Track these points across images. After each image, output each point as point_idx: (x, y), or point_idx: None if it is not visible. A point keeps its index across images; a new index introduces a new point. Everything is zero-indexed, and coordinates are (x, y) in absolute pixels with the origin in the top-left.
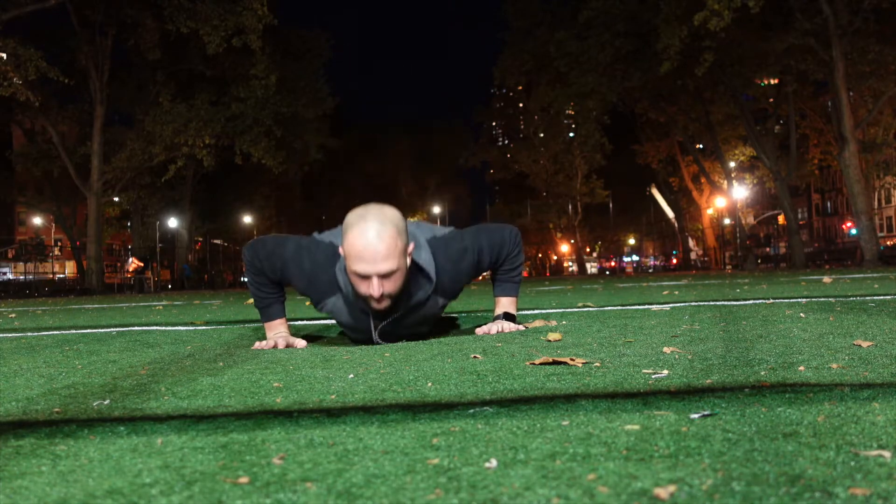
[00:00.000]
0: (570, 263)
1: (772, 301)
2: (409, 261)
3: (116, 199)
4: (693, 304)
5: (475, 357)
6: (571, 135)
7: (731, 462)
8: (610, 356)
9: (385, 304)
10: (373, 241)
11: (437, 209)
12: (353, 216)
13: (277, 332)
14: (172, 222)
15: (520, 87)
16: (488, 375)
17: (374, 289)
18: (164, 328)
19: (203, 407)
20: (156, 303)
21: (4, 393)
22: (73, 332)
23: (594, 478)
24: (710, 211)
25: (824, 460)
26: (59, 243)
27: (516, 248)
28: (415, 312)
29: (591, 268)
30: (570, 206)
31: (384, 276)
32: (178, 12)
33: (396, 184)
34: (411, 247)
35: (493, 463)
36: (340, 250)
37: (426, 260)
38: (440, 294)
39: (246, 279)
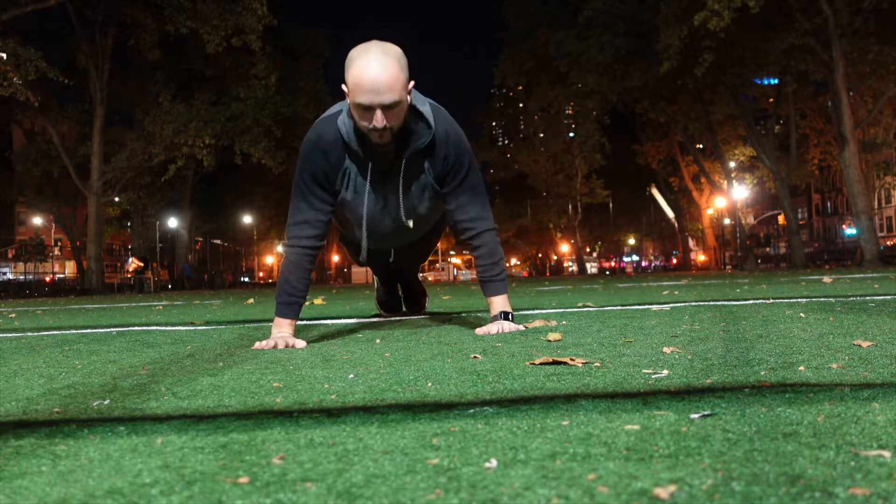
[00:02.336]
0: (570, 263)
1: (772, 301)
2: (409, 99)
3: (116, 199)
4: (693, 304)
5: (475, 357)
6: (571, 135)
7: (731, 462)
8: (610, 356)
9: (387, 138)
10: (376, 72)
11: None
12: (356, 50)
13: (281, 331)
14: (172, 222)
15: (520, 87)
16: (488, 375)
17: (377, 119)
18: (164, 328)
19: (203, 407)
20: (156, 303)
21: (4, 393)
22: (73, 332)
23: (594, 478)
24: (710, 211)
25: (824, 460)
26: (59, 243)
27: (479, 180)
28: (413, 170)
29: (591, 268)
30: (570, 206)
31: (387, 108)
32: (178, 12)
33: None
34: (411, 84)
35: (493, 463)
36: (343, 87)
37: (427, 110)
38: (436, 158)
39: (281, 266)
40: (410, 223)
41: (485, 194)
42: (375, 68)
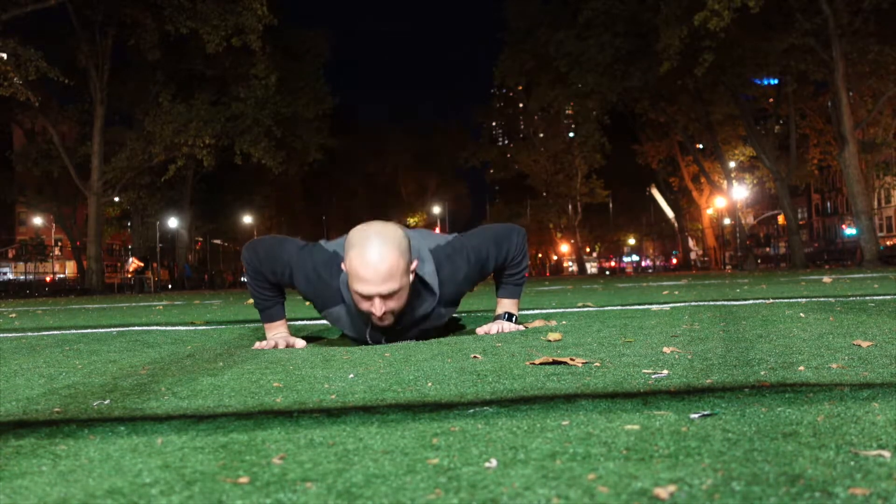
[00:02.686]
0: (570, 263)
1: (772, 301)
2: (412, 277)
3: (116, 199)
4: (693, 304)
5: (475, 357)
6: (571, 135)
7: (731, 462)
8: (610, 356)
9: (388, 320)
10: (375, 262)
11: (437, 209)
12: (355, 236)
13: (277, 332)
14: (172, 222)
15: (520, 87)
16: (488, 375)
17: (376, 308)
18: (164, 328)
19: (203, 407)
20: (156, 303)
21: (4, 393)
22: (73, 332)
23: (594, 478)
24: (710, 211)
25: (824, 460)
26: (59, 243)
27: (522, 252)
28: (419, 325)
29: (591, 268)
30: (569, 206)
31: (386, 296)
32: (178, 12)
33: (396, 184)
34: (415, 264)
35: (493, 463)
36: (343, 266)
37: (429, 273)
38: (444, 305)
39: (245, 280)
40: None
41: (494, 232)
42: (374, 258)
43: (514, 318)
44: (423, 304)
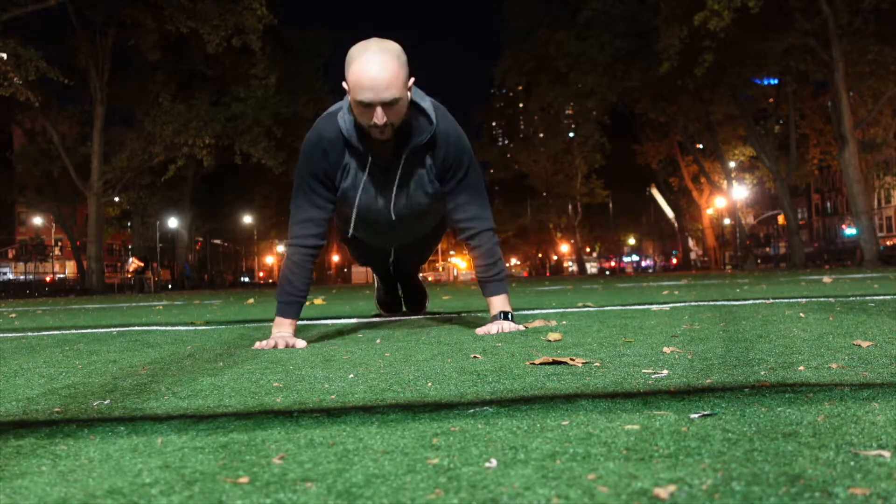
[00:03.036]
0: (570, 263)
1: (772, 301)
2: (409, 95)
3: (116, 199)
4: (693, 304)
5: (475, 357)
6: (571, 135)
7: (731, 462)
8: (610, 356)
9: (388, 133)
10: (376, 69)
11: None
12: (356, 49)
13: (281, 331)
14: (172, 222)
15: (520, 87)
16: (488, 375)
17: (378, 116)
18: (164, 328)
19: (203, 407)
20: (156, 303)
21: (4, 393)
22: (73, 332)
23: (594, 478)
24: (710, 211)
25: (824, 460)
26: (59, 243)
27: (487, 205)
28: (412, 167)
29: (591, 268)
30: (569, 206)
31: (387, 105)
32: (178, 12)
33: None
34: (412, 81)
35: (493, 463)
36: (344, 84)
37: (428, 106)
38: (437, 155)
39: (283, 266)
40: (412, 218)
41: (484, 194)
42: (375, 66)
43: (511, 316)
44: (421, 134)
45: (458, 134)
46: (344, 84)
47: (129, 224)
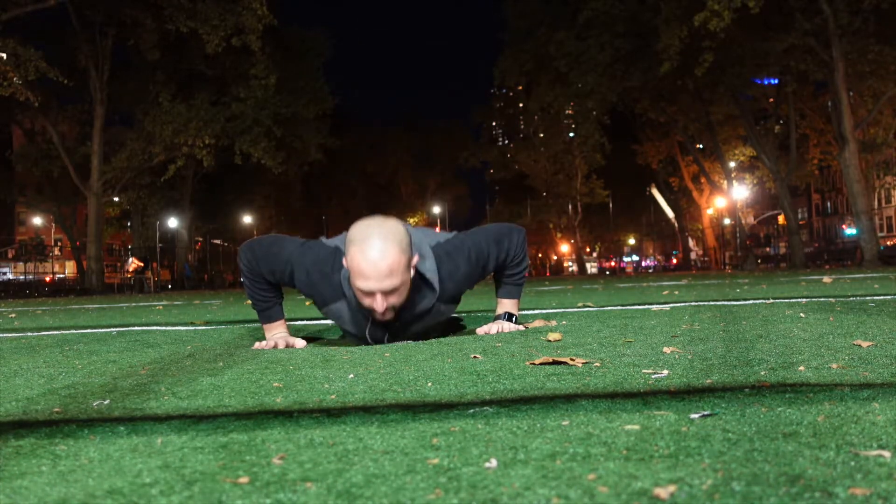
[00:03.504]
0: (570, 263)
1: (772, 301)
2: (413, 272)
3: (116, 199)
4: (693, 304)
5: (475, 357)
6: (571, 135)
7: (731, 462)
8: (610, 356)
9: (389, 316)
10: (376, 258)
11: (437, 209)
12: (356, 232)
13: (277, 332)
14: (172, 222)
15: (520, 87)
16: (488, 375)
17: (377, 304)
18: (164, 328)
19: (203, 407)
20: (156, 303)
21: (4, 393)
22: (73, 332)
23: (594, 478)
24: (710, 211)
25: (824, 460)
26: (59, 243)
27: (522, 252)
28: (419, 321)
29: (591, 268)
30: (569, 206)
31: (388, 293)
32: (178, 12)
33: (396, 184)
34: (415, 259)
35: (493, 463)
36: (344, 261)
37: (430, 270)
38: (444, 301)
39: (243, 281)
40: (419, 338)
41: (503, 235)
42: (375, 255)
43: (514, 319)
44: (424, 301)
45: (459, 281)
46: (344, 261)
47: (128, 224)
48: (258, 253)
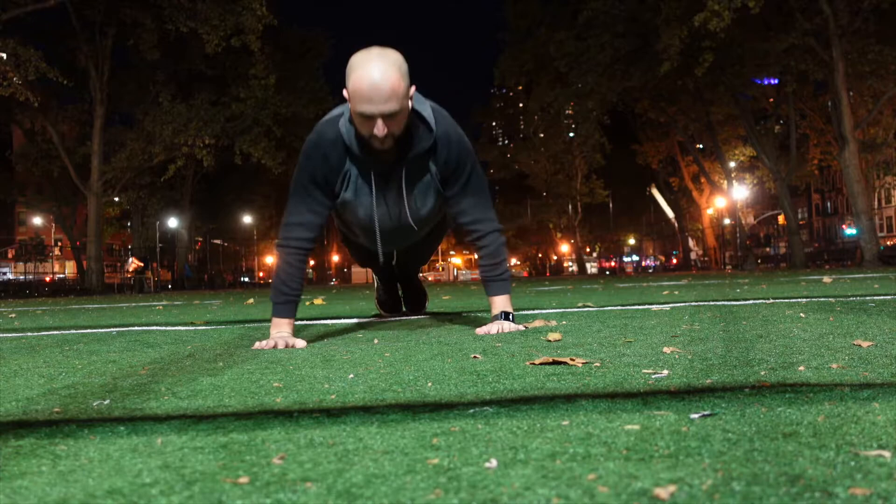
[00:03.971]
0: (570, 263)
1: (772, 301)
2: (410, 104)
3: (116, 199)
4: (693, 304)
5: (475, 357)
6: (571, 135)
7: (731, 462)
8: (610, 356)
9: (388, 143)
10: (377, 81)
11: None
12: (355, 58)
13: (280, 331)
14: (172, 222)
15: (520, 87)
16: (488, 375)
17: (378, 128)
18: (164, 328)
19: (203, 407)
20: (156, 303)
21: (4, 393)
22: (73, 332)
23: (594, 478)
24: (710, 211)
25: (824, 460)
26: (59, 243)
27: (495, 226)
28: (415, 172)
29: (591, 268)
30: (569, 206)
31: (387, 117)
32: (178, 12)
33: None
34: (412, 90)
35: (493, 463)
36: (345, 92)
37: (428, 113)
38: (439, 160)
39: (276, 260)
40: (415, 223)
41: (488, 195)
42: (375, 77)
43: (511, 317)
44: (422, 142)
45: (460, 137)
46: (344, 92)
47: (128, 224)
48: (290, 206)
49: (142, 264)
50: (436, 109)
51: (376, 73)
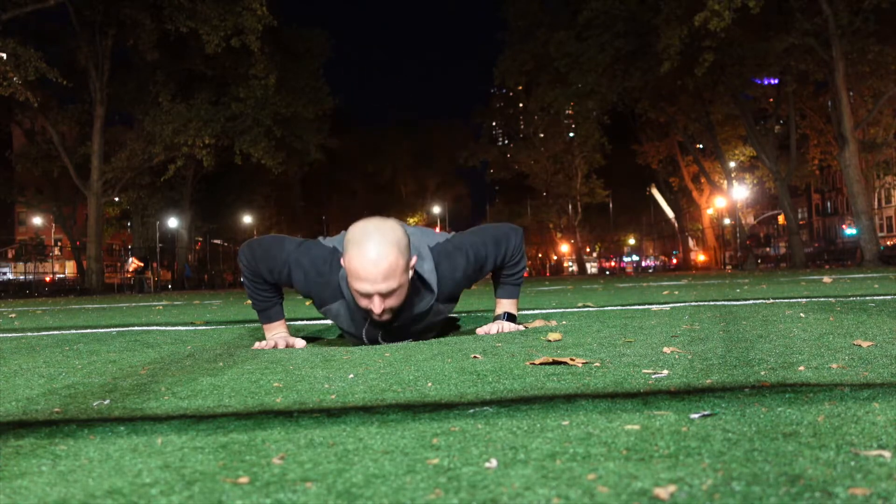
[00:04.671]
0: (570, 263)
1: (772, 301)
2: (411, 274)
3: (116, 199)
4: (693, 304)
5: (475, 357)
6: (571, 135)
7: (731, 462)
8: (610, 356)
9: (387, 317)
10: (374, 261)
11: (437, 209)
12: (354, 233)
13: (277, 332)
14: (172, 222)
15: (520, 87)
16: (488, 375)
17: (375, 306)
18: (164, 328)
19: (203, 407)
20: (156, 303)
21: (4, 393)
22: (73, 332)
23: (594, 478)
24: (710, 211)
25: (824, 460)
26: (59, 243)
27: (520, 252)
28: (418, 322)
29: (591, 268)
30: (570, 206)
31: (386, 295)
32: (178, 12)
33: (396, 184)
34: (414, 260)
35: (493, 463)
36: (342, 262)
37: (428, 271)
38: (443, 301)
39: (243, 281)
40: (417, 337)
41: (501, 235)
42: (372, 257)
43: (513, 319)
44: (422, 302)
45: (458, 281)
46: (342, 261)
47: (129, 224)
48: (257, 253)
49: (142, 264)
50: (439, 259)
51: (373, 252)
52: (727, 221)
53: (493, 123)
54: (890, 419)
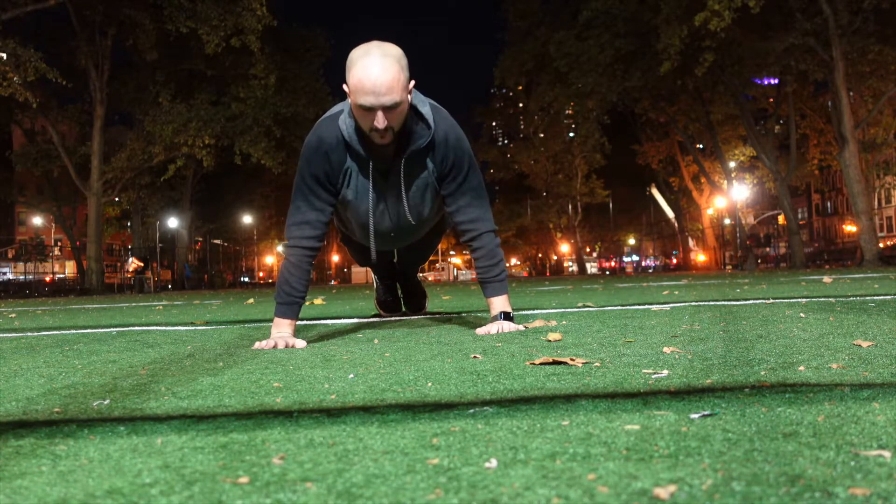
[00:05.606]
0: (570, 263)
1: (772, 301)
2: (410, 98)
3: (116, 199)
4: (693, 304)
5: (475, 357)
6: (571, 135)
7: (731, 462)
8: (610, 356)
9: (388, 138)
10: (377, 73)
11: None
12: (356, 52)
13: (281, 331)
14: (172, 222)
15: (520, 87)
16: (488, 375)
17: (378, 120)
18: (164, 328)
19: (203, 407)
20: (156, 303)
21: (4, 393)
22: (73, 332)
23: (594, 478)
24: (710, 211)
25: (824, 460)
26: (59, 243)
27: (494, 242)
28: (414, 170)
29: (591, 268)
30: (569, 206)
31: (388, 109)
32: (178, 12)
33: None
34: (412, 84)
35: (493, 463)
36: (345, 87)
37: (427, 110)
38: (436, 158)
39: (282, 260)
40: (414, 222)
41: (485, 196)
42: (376, 70)
43: (511, 317)
44: (420, 138)
45: (458, 136)
46: (344, 87)
47: (129, 224)
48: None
49: (142, 264)
50: (435, 108)
51: (377, 65)
52: (727, 221)
53: (493, 123)
54: (890, 419)
